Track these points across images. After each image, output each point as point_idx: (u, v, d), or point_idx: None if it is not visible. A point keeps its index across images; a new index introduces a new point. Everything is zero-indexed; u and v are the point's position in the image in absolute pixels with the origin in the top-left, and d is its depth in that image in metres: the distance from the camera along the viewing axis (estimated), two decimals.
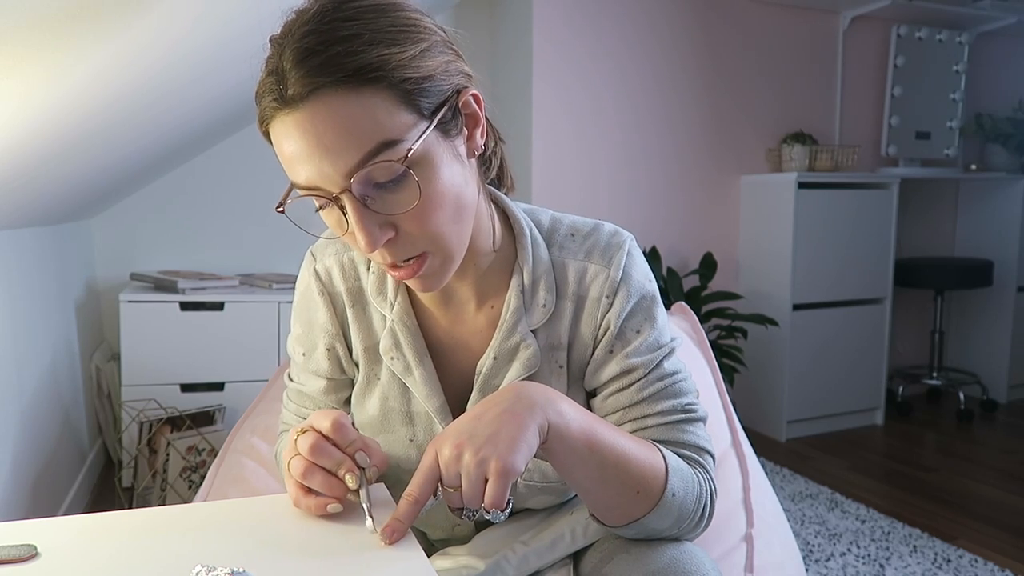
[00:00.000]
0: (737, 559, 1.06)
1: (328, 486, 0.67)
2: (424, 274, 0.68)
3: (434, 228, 0.65)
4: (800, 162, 3.04)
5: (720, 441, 1.36)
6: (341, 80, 0.59)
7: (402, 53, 0.61)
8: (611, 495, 0.71)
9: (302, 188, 0.64)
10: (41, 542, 0.64)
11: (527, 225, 0.80)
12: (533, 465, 0.81)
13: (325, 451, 0.67)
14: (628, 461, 0.70)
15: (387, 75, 0.60)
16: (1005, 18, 3.35)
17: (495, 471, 0.61)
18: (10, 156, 1.13)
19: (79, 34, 0.84)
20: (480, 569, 0.81)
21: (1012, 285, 3.39)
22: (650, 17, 2.93)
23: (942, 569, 1.93)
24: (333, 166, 0.60)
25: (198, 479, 2.15)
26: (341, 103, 0.59)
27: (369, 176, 0.61)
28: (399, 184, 0.62)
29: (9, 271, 1.64)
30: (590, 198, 2.87)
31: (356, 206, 0.62)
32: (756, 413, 3.10)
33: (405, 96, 0.61)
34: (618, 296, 0.78)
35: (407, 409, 0.82)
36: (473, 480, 0.62)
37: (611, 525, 0.75)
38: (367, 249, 0.64)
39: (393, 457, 0.83)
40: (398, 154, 0.61)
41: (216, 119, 2.12)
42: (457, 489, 0.63)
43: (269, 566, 0.60)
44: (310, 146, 0.60)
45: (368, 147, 0.60)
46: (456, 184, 0.66)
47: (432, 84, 0.63)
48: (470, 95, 0.68)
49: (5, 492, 1.52)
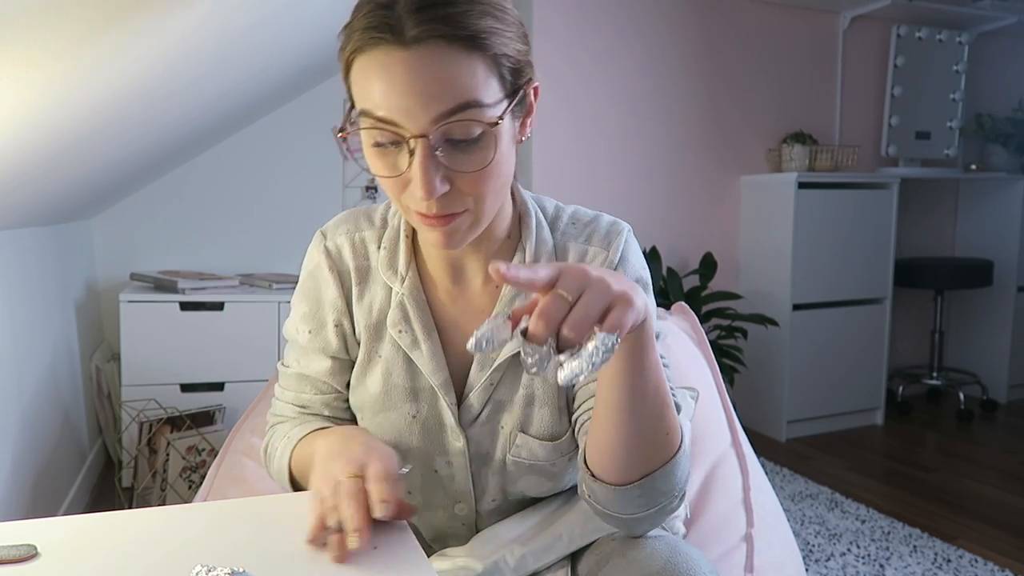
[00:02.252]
0: (737, 559, 1.06)
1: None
2: (452, 229, 0.70)
3: (483, 192, 0.69)
4: (800, 162, 3.04)
5: (720, 441, 1.36)
6: (456, 37, 0.63)
7: (506, 32, 0.67)
8: (648, 428, 0.68)
9: (376, 120, 0.65)
10: (41, 542, 0.64)
11: (533, 208, 0.85)
12: (521, 442, 0.82)
13: (359, 508, 0.65)
14: (667, 396, 0.69)
15: (492, 47, 0.65)
16: (1005, 18, 3.35)
17: (621, 297, 0.57)
18: (10, 156, 1.13)
19: (79, 34, 0.84)
20: (478, 570, 0.81)
21: (1012, 285, 3.39)
22: (650, 17, 2.93)
23: (942, 569, 1.93)
24: (424, 109, 0.63)
25: (198, 479, 2.15)
26: (451, 57, 0.63)
27: (450, 129, 0.65)
28: (472, 145, 0.66)
29: (9, 271, 1.64)
30: (590, 198, 2.87)
31: (427, 153, 0.65)
32: (756, 413, 3.10)
33: (499, 70, 0.67)
34: None
35: (411, 385, 0.82)
36: (598, 293, 0.56)
37: (622, 482, 0.70)
38: (425, 195, 0.65)
39: (394, 434, 0.83)
40: (484, 117, 0.65)
41: (216, 119, 2.12)
42: (569, 302, 0.55)
43: (269, 566, 0.60)
44: (408, 85, 0.63)
45: (460, 101, 0.64)
46: (509, 162, 0.72)
47: (520, 67, 0.69)
48: (534, 87, 0.74)
49: (5, 492, 1.52)
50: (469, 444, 0.83)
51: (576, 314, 0.55)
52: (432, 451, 0.83)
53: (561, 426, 0.83)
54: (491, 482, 0.85)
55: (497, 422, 0.83)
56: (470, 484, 0.85)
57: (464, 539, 0.88)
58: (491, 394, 0.82)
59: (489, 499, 0.86)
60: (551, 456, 0.82)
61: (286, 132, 2.67)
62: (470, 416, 0.82)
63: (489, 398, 0.82)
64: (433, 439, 0.83)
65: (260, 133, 2.65)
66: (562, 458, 0.83)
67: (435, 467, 0.84)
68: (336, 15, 1.77)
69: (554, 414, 0.82)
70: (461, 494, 0.86)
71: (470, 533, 0.89)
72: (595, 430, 0.72)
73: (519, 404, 0.82)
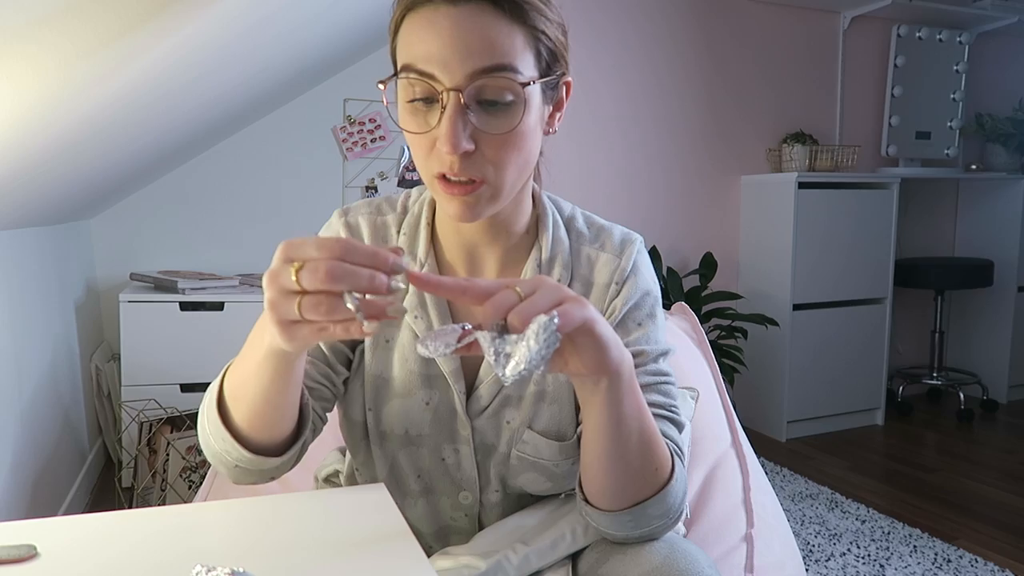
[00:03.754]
0: (737, 559, 1.06)
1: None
2: (472, 199, 0.71)
3: (505, 160, 0.70)
4: (800, 162, 3.04)
5: (720, 441, 1.36)
6: (501, 4, 0.66)
7: (549, 15, 0.71)
8: (633, 468, 0.70)
9: (415, 73, 0.67)
10: (41, 542, 0.64)
11: (551, 209, 0.86)
12: (528, 438, 0.82)
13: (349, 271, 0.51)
14: (655, 432, 0.71)
15: (534, 23, 0.69)
16: (1005, 18, 3.35)
17: (573, 298, 0.58)
18: (10, 156, 1.13)
19: (78, 34, 0.84)
20: (481, 569, 0.81)
21: (1012, 285, 3.39)
22: (650, 17, 2.93)
23: (942, 569, 1.93)
24: (462, 64, 0.66)
25: (198, 479, 2.15)
26: (493, 19, 0.66)
27: (483, 88, 0.67)
28: (503, 109, 0.68)
29: (9, 271, 1.64)
30: (590, 198, 2.87)
31: (458, 108, 0.66)
32: (756, 413, 3.10)
33: (537, 47, 0.70)
34: (626, 285, 0.83)
35: (426, 372, 0.83)
36: (549, 291, 0.57)
37: (612, 509, 0.73)
38: (450, 148, 0.66)
39: (409, 420, 0.84)
40: (517, 81, 0.68)
41: (216, 119, 2.12)
42: (521, 299, 0.56)
43: (269, 566, 0.60)
44: (451, 37, 0.66)
45: (497, 62, 0.66)
46: (534, 140, 0.73)
47: (556, 53, 0.73)
48: (567, 81, 0.77)
49: (5, 492, 1.52)
50: (474, 434, 0.84)
51: (523, 304, 0.55)
52: (442, 439, 0.84)
53: (569, 426, 0.83)
54: (493, 473, 0.86)
55: (503, 417, 0.83)
56: (475, 472, 0.85)
57: (466, 534, 0.89)
58: (501, 388, 0.83)
59: (492, 490, 0.87)
60: (555, 456, 0.83)
61: (286, 132, 2.67)
62: (478, 407, 0.83)
63: (499, 392, 0.83)
64: (444, 427, 0.84)
65: (260, 133, 2.64)
66: (566, 460, 0.84)
67: (443, 455, 0.85)
68: (336, 15, 1.77)
69: (564, 412, 0.83)
70: (466, 482, 0.86)
71: (472, 527, 0.89)
72: (583, 463, 0.74)
73: (529, 400, 0.83)
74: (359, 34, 2.23)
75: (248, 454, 0.70)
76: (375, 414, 0.85)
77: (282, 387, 0.66)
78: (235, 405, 0.70)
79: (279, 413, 0.69)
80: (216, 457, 0.73)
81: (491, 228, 0.81)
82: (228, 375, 0.72)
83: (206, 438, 0.73)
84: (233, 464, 0.72)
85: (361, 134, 2.69)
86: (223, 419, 0.71)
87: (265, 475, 0.74)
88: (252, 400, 0.68)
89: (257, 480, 0.75)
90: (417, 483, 0.87)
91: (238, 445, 0.70)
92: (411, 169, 2.76)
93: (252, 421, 0.69)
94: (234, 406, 0.70)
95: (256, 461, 0.71)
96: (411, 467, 0.86)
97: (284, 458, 0.73)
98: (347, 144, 2.69)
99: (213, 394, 0.72)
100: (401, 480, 0.87)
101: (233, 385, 0.70)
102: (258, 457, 0.71)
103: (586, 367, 0.61)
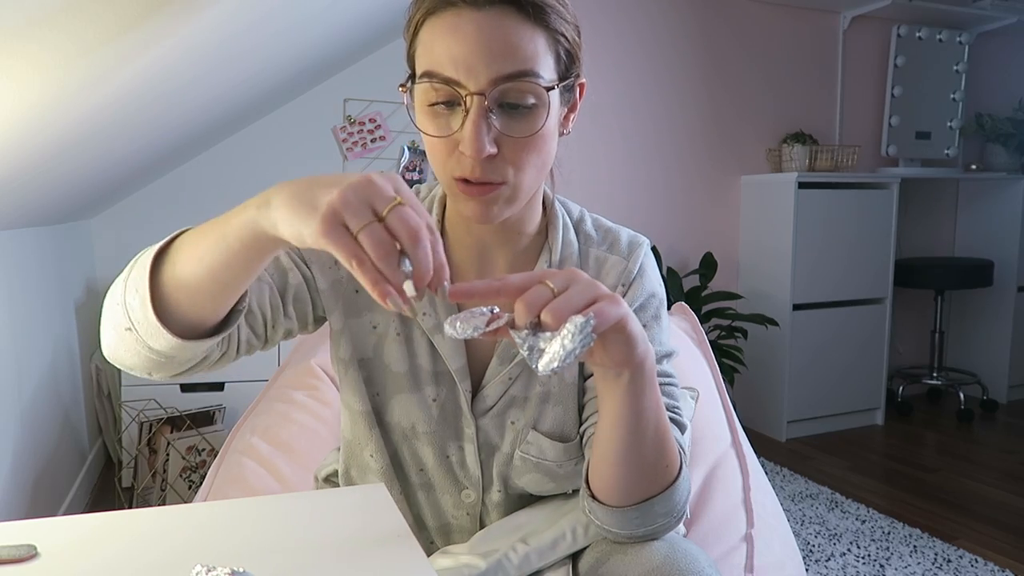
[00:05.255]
0: (737, 559, 1.06)
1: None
2: (489, 200, 0.71)
3: (525, 162, 0.71)
4: (800, 162, 3.04)
5: (720, 441, 1.36)
6: (524, 8, 0.67)
7: (566, 16, 0.71)
8: (647, 463, 0.70)
9: (438, 79, 0.67)
10: (41, 542, 0.64)
11: (560, 211, 0.86)
12: (532, 439, 0.83)
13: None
14: (666, 432, 0.71)
15: (555, 27, 0.69)
16: (1005, 18, 3.35)
17: (607, 296, 0.58)
18: (10, 156, 1.13)
19: (78, 34, 0.84)
20: (481, 568, 0.81)
21: (1012, 285, 3.39)
22: (650, 17, 2.93)
23: (942, 569, 1.93)
24: (487, 68, 0.66)
25: (198, 479, 2.15)
26: (516, 24, 0.67)
27: (506, 92, 0.67)
28: (524, 112, 0.69)
29: (9, 271, 1.64)
30: (590, 199, 2.87)
31: (481, 112, 0.66)
32: (756, 413, 3.10)
33: (556, 49, 0.70)
34: (632, 287, 0.83)
35: (434, 368, 0.83)
36: (584, 288, 0.57)
37: (620, 505, 0.73)
38: (474, 153, 0.66)
39: (415, 415, 0.84)
40: (541, 84, 0.68)
41: (216, 119, 2.12)
42: (554, 295, 0.56)
43: (269, 566, 0.60)
44: (476, 43, 0.66)
45: (521, 67, 0.67)
46: (553, 143, 0.74)
47: (573, 54, 0.74)
48: (582, 83, 0.78)
49: (5, 492, 1.52)
50: (478, 433, 0.84)
51: (557, 301, 0.56)
52: (447, 436, 0.84)
53: (573, 428, 0.84)
54: (495, 473, 0.86)
55: (508, 417, 0.83)
56: (479, 471, 0.85)
57: (468, 532, 0.89)
58: (507, 388, 0.83)
59: (495, 490, 0.87)
60: (559, 457, 0.83)
61: (286, 132, 2.66)
62: (483, 406, 0.83)
63: (505, 392, 0.83)
64: (449, 424, 0.84)
65: (260, 133, 2.64)
66: (569, 461, 0.84)
67: (448, 452, 0.85)
68: (335, 15, 1.77)
69: (568, 414, 0.83)
70: (469, 480, 0.86)
71: (474, 526, 0.89)
72: (595, 458, 0.73)
73: (534, 401, 0.83)
74: (359, 34, 2.23)
75: (154, 318, 0.61)
76: (382, 402, 0.85)
77: (239, 269, 0.59)
78: (174, 268, 0.62)
79: (217, 291, 0.61)
80: (115, 309, 0.64)
81: (503, 230, 0.81)
82: (182, 238, 0.63)
83: (117, 290, 0.64)
84: (125, 327, 0.63)
85: (361, 134, 2.69)
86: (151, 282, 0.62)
87: (153, 359, 0.65)
88: (197, 267, 0.60)
89: (135, 363, 0.66)
90: (419, 476, 0.87)
91: (150, 305, 0.61)
92: (411, 169, 2.76)
93: (185, 289, 0.61)
94: (171, 269, 0.62)
95: (158, 331, 0.62)
96: (413, 461, 0.86)
97: (183, 343, 0.63)
98: (347, 144, 2.69)
99: (154, 249, 0.63)
100: (401, 473, 0.87)
101: (186, 244, 0.62)
102: (161, 328, 0.62)
103: (612, 360, 0.62)
